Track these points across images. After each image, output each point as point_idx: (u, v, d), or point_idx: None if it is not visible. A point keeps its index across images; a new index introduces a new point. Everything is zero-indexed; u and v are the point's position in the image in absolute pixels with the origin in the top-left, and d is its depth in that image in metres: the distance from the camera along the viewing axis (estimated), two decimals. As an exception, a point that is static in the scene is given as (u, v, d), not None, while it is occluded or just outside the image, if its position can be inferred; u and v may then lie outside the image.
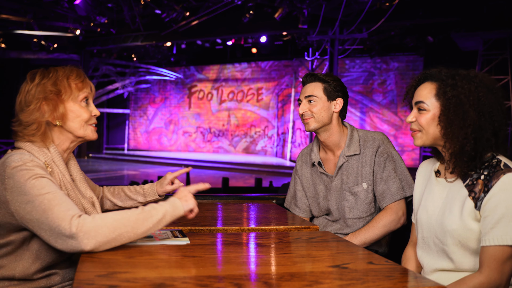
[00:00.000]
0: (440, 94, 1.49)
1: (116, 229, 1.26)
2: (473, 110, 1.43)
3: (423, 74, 1.57)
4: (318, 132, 2.12)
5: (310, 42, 13.09)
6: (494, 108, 1.44)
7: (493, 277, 1.38)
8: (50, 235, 1.26)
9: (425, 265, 1.59)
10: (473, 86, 1.45)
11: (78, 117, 1.50)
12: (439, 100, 1.49)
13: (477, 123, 1.42)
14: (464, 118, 1.43)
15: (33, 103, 1.45)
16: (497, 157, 1.46)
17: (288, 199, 2.36)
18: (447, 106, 1.46)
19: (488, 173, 1.44)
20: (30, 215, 1.28)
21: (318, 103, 2.08)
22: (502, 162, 1.43)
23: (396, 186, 2.04)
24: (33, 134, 1.45)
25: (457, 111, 1.44)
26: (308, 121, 2.09)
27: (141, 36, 13.05)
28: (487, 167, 1.45)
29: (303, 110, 2.10)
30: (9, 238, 1.38)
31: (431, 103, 1.51)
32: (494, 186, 1.40)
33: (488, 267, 1.39)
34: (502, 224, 1.38)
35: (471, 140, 1.43)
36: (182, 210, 1.40)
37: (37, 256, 1.40)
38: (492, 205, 1.40)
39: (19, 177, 1.31)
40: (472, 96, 1.44)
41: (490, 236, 1.39)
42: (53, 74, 1.48)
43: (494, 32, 9.35)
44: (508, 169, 1.41)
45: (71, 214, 1.26)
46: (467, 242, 1.46)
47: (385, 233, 2.02)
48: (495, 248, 1.38)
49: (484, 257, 1.40)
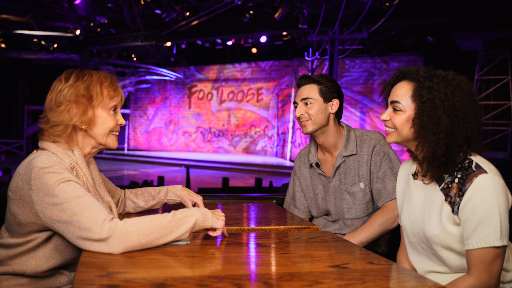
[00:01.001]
0: (416, 95, 1.47)
1: (146, 236, 1.27)
2: (447, 116, 1.41)
3: (401, 72, 1.55)
4: (315, 135, 2.12)
5: (310, 42, 13.09)
6: (468, 114, 1.42)
7: (482, 279, 1.38)
8: (77, 237, 1.27)
9: (418, 269, 1.59)
10: (449, 90, 1.43)
11: (104, 124, 1.51)
12: (415, 102, 1.47)
13: (449, 129, 1.41)
14: (437, 123, 1.41)
15: (63, 104, 1.45)
16: (469, 157, 1.45)
17: (287, 200, 2.36)
18: (422, 109, 1.45)
19: (462, 176, 1.43)
20: (57, 217, 1.29)
21: (315, 105, 2.07)
22: (473, 163, 1.42)
23: (392, 185, 2.04)
24: (59, 135, 1.46)
25: (430, 116, 1.43)
26: (305, 124, 2.09)
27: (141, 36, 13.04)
28: (460, 169, 1.44)
29: (300, 113, 2.09)
30: (29, 237, 1.40)
31: (407, 104, 1.49)
32: (468, 189, 1.39)
33: (476, 270, 1.39)
34: (482, 226, 1.37)
35: (442, 146, 1.41)
36: (210, 223, 1.40)
37: (51, 255, 1.42)
38: (469, 209, 1.39)
39: (46, 179, 1.32)
40: (448, 101, 1.42)
41: (473, 240, 1.39)
42: (88, 78, 1.49)
43: (494, 32, 9.35)
44: (479, 170, 1.40)
45: (103, 217, 1.26)
46: (451, 245, 1.46)
47: (382, 232, 2.02)
48: (480, 251, 1.38)
49: (471, 260, 1.40)
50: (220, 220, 1.43)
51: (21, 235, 1.40)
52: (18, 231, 1.40)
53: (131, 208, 1.88)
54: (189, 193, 1.88)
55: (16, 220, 1.39)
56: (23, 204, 1.36)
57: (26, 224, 1.38)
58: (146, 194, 1.88)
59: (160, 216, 1.32)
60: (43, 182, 1.32)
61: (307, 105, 2.08)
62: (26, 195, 1.35)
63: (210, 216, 1.41)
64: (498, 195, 1.37)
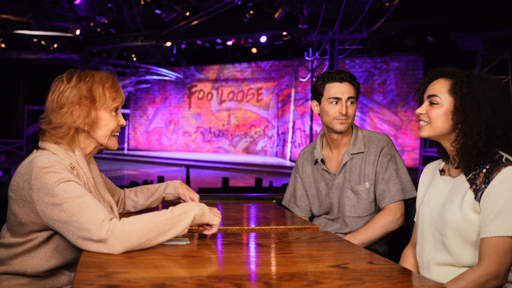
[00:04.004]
0: (455, 89, 1.52)
1: (145, 234, 1.27)
2: (488, 107, 1.46)
3: (437, 70, 1.61)
4: (343, 132, 2.11)
5: (310, 42, 13.09)
6: (506, 108, 1.48)
7: (492, 269, 1.39)
8: (77, 237, 1.27)
9: (424, 259, 1.60)
10: (486, 86, 1.49)
11: (106, 126, 1.51)
12: (453, 96, 1.52)
13: (490, 121, 1.46)
14: (479, 114, 1.47)
15: (66, 105, 1.44)
16: (501, 153, 1.49)
17: (286, 198, 2.36)
18: (463, 101, 1.49)
19: (490, 166, 1.47)
20: (57, 217, 1.29)
21: (355, 106, 2.11)
22: (504, 157, 1.47)
23: (396, 188, 2.05)
24: (61, 136, 1.45)
25: (473, 107, 1.48)
26: (344, 122, 2.08)
27: (141, 36, 13.04)
28: (490, 161, 1.48)
29: (346, 111, 2.07)
30: (30, 237, 1.40)
31: (445, 98, 1.54)
32: (495, 178, 1.43)
33: (488, 259, 1.40)
34: (503, 215, 1.39)
35: (484, 137, 1.46)
36: (208, 219, 1.40)
37: (52, 255, 1.42)
38: (492, 197, 1.42)
39: (46, 178, 1.32)
40: (487, 94, 1.48)
41: (491, 228, 1.40)
42: (90, 79, 1.48)
43: (494, 32, 9.34)
44: (509, 162, 1.44)
45: (102, 218, 1.26)
46: (465, 233, 1.47)
47: (383, 234, 2.03)
48: (496, 240, 1.39)
49: (484, 249, 1.41)
50: (216, 217, 1.43)
51: (22, 234, 1.41)
52: (19, 231, 1.40)
53: (131, 207, 1.88)
54: (187, 189, 1.88)
55: (17, 220, 1.39)
56: (23, 204, 1.36)
57: (27, 224, 1.38)
58: (145, 191, 1.88)
59: (158, 214, 1.31)
60: (43, 182, 1.32)
61: (351, 104, 2.10)
62: (27, 195, 1.35)
63: (207, 211, 1.41)
64: None
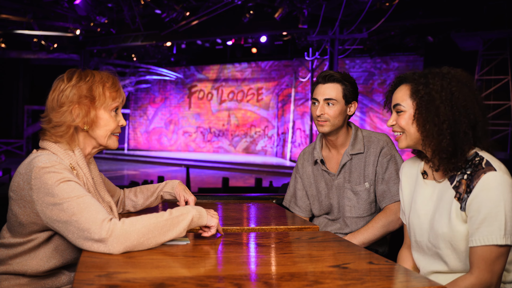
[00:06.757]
0: (414, 94, 1.51)
1: (144, 235, 1.27)
2: (446, 105, 1.44)
3: (398, 78, 1.60)
4: (328, 134, 2.10)
5: (310, 42, 13.09)
6: (468, 101, 1.44)
7: (483, 278, 1.38)
8: (77, 237, 1.27)
9: (421, 268, 1.60)
10: (445, 82, 1.46)
11: (105, 126, 1.51)
12: (414, 100, 1.51)
13: (451, 118, 1.43)
14: (437, 114, 1.44)
15: (66, 104, 1.45)
16: (480, 154, 1.45)
17: (287, 198, 2.36)
18: (420, 104, 1.48)
19: (471, 172, 1.43)
20: (57, 217, 1.30)
21: (336, 107, 2.04)
22: (484, 160, 1.43)
23: (396, 188, 2.05)
24: (61, 135, 1.46)
25: (429, 108, 1.46)
26: (323, 124, 2.05)
27: (141, 36, 13.04)
28: (470, 166, 1.45)
29: (321, 112, 2.04)
30: (30, 237, 1.40)
31: (407, 104, 1.53)
32: (475, 186, 1.40)
33: (478, 268, 1.39)
34: (486, 224, 1.37)
35: (447, 136, 1.43)
36: (205, 221, 1.41)
37: (52, 255, 1.42)
38: (475, 206, 1.39)
39: (46, 178, 1.32)
40: (445, 91, 1.45)
41: (476, 237, 1.39)
42: (90, 79, 1.48)
43: (494, 32, 9.35)
44: (488, 168, 1.40)
45: (102, 217, 1.26)
46: (458, 244, 1.46)
47: (384, 234, 2.03)
48: (483, 249, 1.38)
49: (473, 258, 1.40)
50: (214, 218, 1.44)
51: (22, 235, 1.41)
52: (20, 231, 1.40)
53: (131, 207, 1.88)
54: (184, 189, 1.88)
55: (18, 220, 1.39)
56: (24, 204, 1.36)
57: (27, 224, 1.38)
58: (145, 191, 1.89)
59: (157, 215, 1.32)
60: (43, 182, 1.32)
61: (329, 105, 2.04)
62: (27, 195, 1.35)
63: (205, 213, 1.42)
64: (505, 193, 1.36)
